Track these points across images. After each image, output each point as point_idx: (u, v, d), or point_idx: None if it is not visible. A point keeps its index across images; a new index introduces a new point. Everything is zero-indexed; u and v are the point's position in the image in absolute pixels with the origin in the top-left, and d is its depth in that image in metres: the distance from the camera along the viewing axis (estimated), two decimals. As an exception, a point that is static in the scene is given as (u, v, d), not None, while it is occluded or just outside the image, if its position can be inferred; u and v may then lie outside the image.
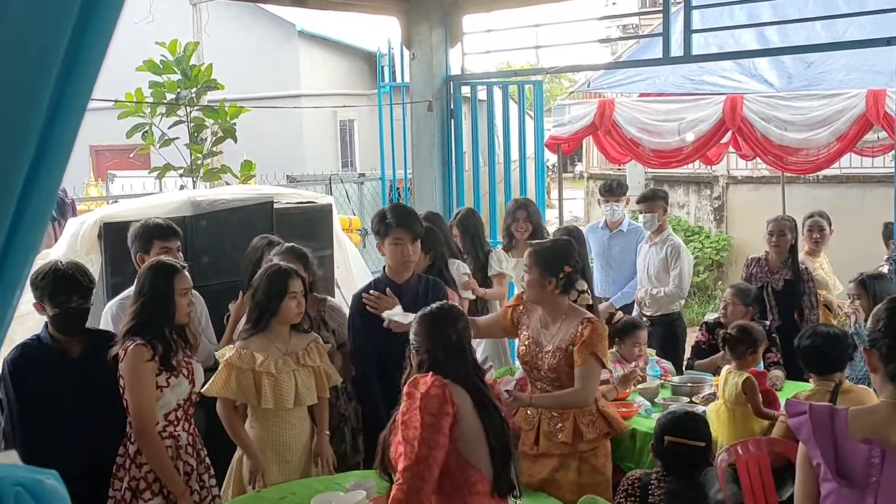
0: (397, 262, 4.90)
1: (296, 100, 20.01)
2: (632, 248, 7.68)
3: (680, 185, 15.49)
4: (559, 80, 45.38)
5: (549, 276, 4.40)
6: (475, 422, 3.33)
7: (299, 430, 4.51)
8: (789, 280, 6.89)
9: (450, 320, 3.52)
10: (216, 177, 9.51)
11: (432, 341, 3.46)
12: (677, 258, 7.27)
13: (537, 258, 4.44)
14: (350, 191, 11.42)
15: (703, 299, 13.59)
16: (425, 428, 3.18)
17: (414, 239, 4.87)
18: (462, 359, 3.46)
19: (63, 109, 0.93)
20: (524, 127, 9.32)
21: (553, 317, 4.49)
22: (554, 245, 4.55)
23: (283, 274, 4.50)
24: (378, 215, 5.05)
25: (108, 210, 5.93)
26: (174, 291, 4.25)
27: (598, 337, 4.31)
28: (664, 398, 5.66)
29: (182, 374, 4.28)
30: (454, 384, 3.33)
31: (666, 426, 4.10)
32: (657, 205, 7.47)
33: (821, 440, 2.53)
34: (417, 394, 3.27)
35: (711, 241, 14.27)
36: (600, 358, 4.31)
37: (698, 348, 6.45)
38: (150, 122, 9.20)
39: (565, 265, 4.42)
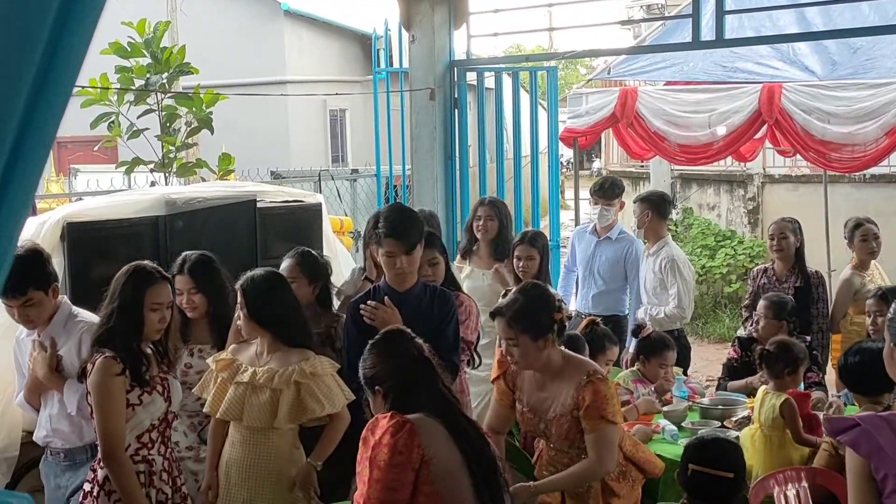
0: (391, 275, 4.91)
1: (280, 87, 20.06)
2: (620, 258, 7.47)
3: (710, 185, 15.51)
4: (575, 66, 45.45)
5: (543, 335, 4.21)
6: (452, 455, 3.35)
7: (271, 452, 4.53)
8: (800, 288, 6.91)
9: (403, 338, 3.57)
10: (191, 172, 9.53)
11: (392, 366, 3.49)
12: (673, 273, 7.17)
13: (521, 326, 4.19)
14: (341, 189, 11.45)
15: (734, 312, 13.57)
16: (373, 484, 3.21)
17: (408, 251, 4.82)
18: (430, 375, 3.49)
19: (47, 92, 0.95)
20: (536, 118, 9.34)
21: (548, 375, 4.32)
22: (527, 298, 4.27)
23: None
24: (372, 219, 5.08)
25: (72, 208, 5.95)
26: (144, 304, 4.24)
27: (604, 399, 4.17)
28: (692, 422, 5.65)
29: (156, 390, 4.28)
30: (424, 417, 3.35)
31: (691, 454, 4.10)
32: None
33: (890, 447, 2.57)
34: (371, 441, 3.29)
35: (745, 248, 14.27)
36: (612, 420, 4.27)
37: (730, 366, 6.46)
38: (117, 112, 9.22)
39: (553, 312, 4.25)
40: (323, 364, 4.56)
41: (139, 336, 4.26)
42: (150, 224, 5.85)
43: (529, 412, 4.38)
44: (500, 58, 10.32)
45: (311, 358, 4.56)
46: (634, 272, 7.40)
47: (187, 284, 4.96)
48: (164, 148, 9.48)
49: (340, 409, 4.55)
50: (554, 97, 9.67)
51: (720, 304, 13.97)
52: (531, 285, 4.48)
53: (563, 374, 4.26)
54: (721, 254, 14.16)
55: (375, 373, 3.53)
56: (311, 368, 4.50)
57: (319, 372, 4.52)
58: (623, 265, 7.46)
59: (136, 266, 4.35)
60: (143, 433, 4.25)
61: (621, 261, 7.46)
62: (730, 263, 14.00)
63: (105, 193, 7.48)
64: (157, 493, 4.27)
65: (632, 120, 10.21)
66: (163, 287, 4.31)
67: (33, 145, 1.00)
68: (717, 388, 6.48)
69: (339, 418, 4.57)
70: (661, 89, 11.42)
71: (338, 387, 4.57)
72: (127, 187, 9.46)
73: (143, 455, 4.26)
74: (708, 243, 14.44)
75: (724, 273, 13.98)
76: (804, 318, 6.66)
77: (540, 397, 4.32)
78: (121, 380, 4.16)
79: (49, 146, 1.06)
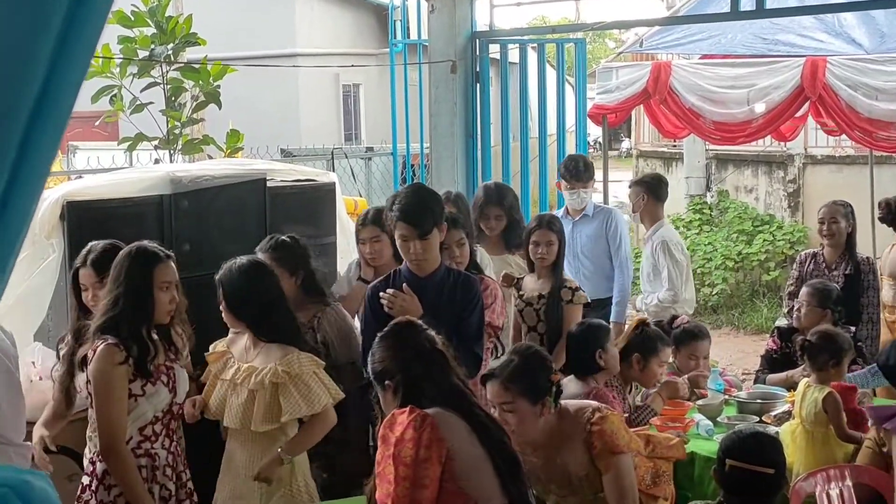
0: (407, 259, 4.92)
1: (291, 59, 20.04)
2: (602, 233, 7.32)
3: (748, 166, 15.45)
4: (603, 39, 45.30)
5: (541, 398, 4.08)
6: (476, 450, 3.35)
7: (254, 454, 4.53)
8: (850, 276, 6.87)
9: (414, 330, 3.56)
10: (197, 149, 9.54)
11: (402, 359, 3.49)
12: (664, 255, 7.18)
13: (517, 388, 4.05)
14: (356, 168, 11.46)
15: (773, 302, 13.53)
16: (400, 482, 3.21)
17: (422, 236, 4.80)
18: (443, 369, 3.49)
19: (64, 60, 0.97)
20: (563, 94, 9.32)
21: (550, 441, 4.18)
22: (524, 361, 4.14)
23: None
24: (390, 199, 5.07)
25: (71, 187, 5.95)
26: (153, 284, 4.24)
27: (612, 436, 4.10)
28: (728, 417, 5.64)
29: (161, 381, 4.29)
30: (441, 411, 3.35)
31: (728, 448, 4.09)
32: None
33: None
34: (392, 438, 3.28)
35: (784, 233, 14.22)
36: (626, 449, 4.19)
37: (769, 358, 6.44)
38: (120, 85, 9.22)
39: (550, 374, 4.14)
40: (302, 362, 4.48)
41: (149, 320, 4.26)
42: (155, 204, 5.85)
43: (552, 484, 4.27)
44: (525, 29, 10.28)
45: (291, 355, 4.49)
46: (617, 243, 7.26)
47: (92, 279, 4.70)
48: (168, 123, 9.48)
49: (321, 409, 4.46)
50: (582, 71, 9.64)
51: (757, 293, 13.93)
52: (525, 346, 4.39)
53: (563, 435, 4.15)
54: (759, 240, 14.11)
55: (385, 367, 3.55)
56: (288, 367, 4.43)
57: (297, 371, 4.43)
58: (605, 239, 7.33)
59: (137, 246, 4.35)
60: (146, 425, 4.26)
61: (603, 235, 7.33)
62: (768, 250, 13.96)
63: (106, 171, 7.49)
64: (160, 488, 4.28)
65: (665, 96, 10.17)
66: (169, 265, 4.32)
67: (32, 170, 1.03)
68: (755, 381, 6.47)
69: (320, 416, 4.50)
70: (696, 63, 11.38)
71: (321, 386, 4.48)
72: (129, 165, 9.48)
73: (146, 449, 4.26)
74: (745, 228, 14.39)
75: (762, 260, 13.93)
76: (853, 308, 6.61)
77: (552, 470, 4.21)
78: (123, 369, 4.16)
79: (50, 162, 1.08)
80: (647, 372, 5.57)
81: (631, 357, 5.52)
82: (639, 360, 5.52)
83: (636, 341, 5.62)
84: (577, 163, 7.43)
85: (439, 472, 3.27)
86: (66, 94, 1.03)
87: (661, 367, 5.71)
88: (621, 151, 37.88)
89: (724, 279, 13.84)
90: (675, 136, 12.40)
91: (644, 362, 5.55)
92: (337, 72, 20.93)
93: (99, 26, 1.03)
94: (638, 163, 18.75)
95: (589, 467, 4.14)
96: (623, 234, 7.31)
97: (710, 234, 14.83)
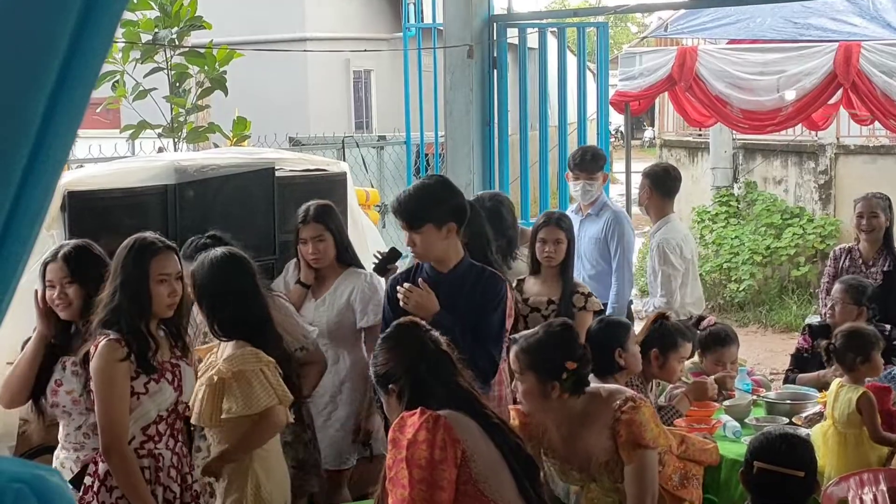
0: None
1: (300, 44, 20.04)
2: (602, 235, 7.13)
3: (777, 156, 15.39)
4: (625, 23, 45.17)
5: (550, 379, 4.12)
6: (491, 450, 3.35)
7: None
8: (889, 272, 6.84)
9: (417, 331, 3.57)
10: (202, 137, 9.55)
11: (406, 360, 3.49)
12: (660, 259, 7.03)
13: (529, 359, 4.15)
14: (367, 157, 11.47)
15: (802, 298, 13.50)
16: (416, 486, 3.20)
17: (411, 228, 4.80)
18: (445, 371, 3.49)
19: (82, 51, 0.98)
20: (584, 81, 9.29)
21: (573, 425, 4.22)
22: (546, 337, 4.23)
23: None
24: None
25: (72, 176, 5.97)
26: (150, 277, 4.22)
27: (640, 427, 4.11)
28: (757, 418, 5.63)
29: (165, 378, 4.28)
30: (453, 412, 3.35)
31: (757, 450, 4.07)
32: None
33: None
34: (403, 441, 3.27)
35: (815, 227, 14.17)
36: (652, 445, 4.21)
37: (799, 357, 6.43)
38: (122, 70, 9.24)
39: (567, 361, 4.15)
40: (247, 359, 4.41)
41: (147, 314, 4.25)
42: (158, 194, 5.87)
43: (572, 469, 4.30)
44: (544, 12, 10.28)
45: (238, 352, 4.45)
46: (616, 247, 7.05)
47: (60, 273, 4.45)
48: (173, 110, 9.50)
49: (261, 410, 4.38)
50: (604, 57, 9.61)
51: (787, 290, 13.89)
52: (558, 323, 4.42)
53: (590, 418, 4.17)
54: (788, 233, 14.06)
55: (388, 370, 3.55)
56: (231, 365, 4.39)
57: (239, 369, 4.38)
58: (606, 242, 7.13)
59: (135, 237, 4.34)
60: (149, 425, 4.25)
61: (603, 238, 7.13)
62: (798, 244, 13.91)
63: (108, 160, 7.52)
64: (164, 490, 4.28)
65: (690, 83, 10.15)
66: (168, 256, 4.28)
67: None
68: (785, 380, 6.45)
69: (262, 418, 4.41)
70: (723, 48, 11.34)
71: (265, 386, 4.39)
72: (132, 154, 9.49)
73: (149, 449, 4.25)
74: (773, 221, 14.34)
75: (792, 255, 13.89)
76: (891, 306, 6.54)
77: (575, 452, 4.24)
78: (125, 365, 4.15)
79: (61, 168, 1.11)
80: (666, 368, 5.53)
81: (649, 353, 5.48)
82: (657, 355, 5.48)
83: (654, 336, 5.58)
84: (584, 152, 7.36)
85: (455, 474, 3.26)
86: (81, 90, 1.05)
87: (681, 362, 5.70)
88: (644, 141, 37.82)
89: (752, 274, 13.80)
90: (701, 124, 12.37)
91: (663, 358, 5.51)
92: (348, 57, 20.92)
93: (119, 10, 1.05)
94: (662, 153, 18.70)
95: (611, 455, 4.15)
96: (625, 238, 7.08)
97: (736, 228, 14.78)
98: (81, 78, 1.05)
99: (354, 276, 5.68)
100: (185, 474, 4.39)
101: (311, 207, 5.71)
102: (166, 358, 4.30)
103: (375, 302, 5.58)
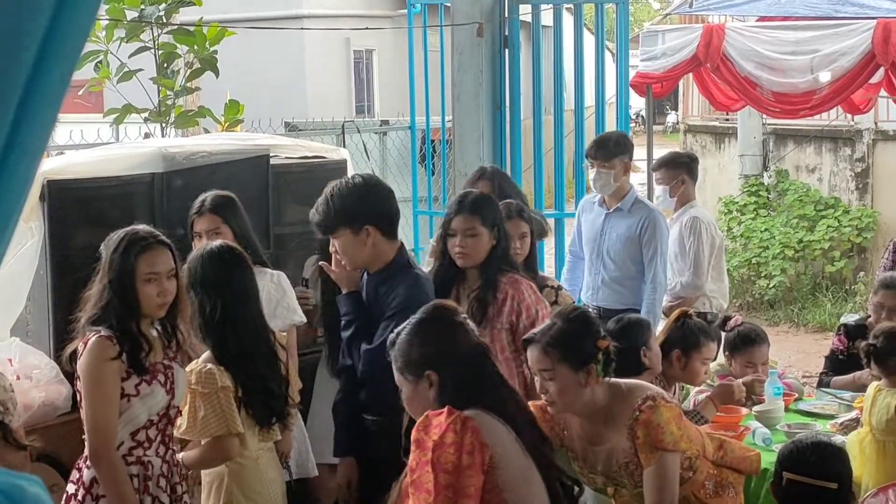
0: None
1: (297, 22, 20.05)
2: (635, 235, 6.91)
3: (810, 142, 15.37)
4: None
5: (586, 364, 4.11)
6: (519, 459, 3.34)
7: None
8: None
9: (458, 317, 3.55)
10: (192, 122, 9.56)
11: (451, 347, 3.47)
12: (693, 233, 7.10)
13: (559, 352, 4.09)
14: (369, 143, 11.44)
15: (837, 296, 13.49)
16: (441, 491, 3.20)
17: (324, 233, 4.99)
18: (485, 368, 3.48)
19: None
20: (602, 62, 9.29)
21: (598, 421, 4.23)
22: (569, 324, 4.18)
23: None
24: None
25: (52, 164, 5.98)
26: (136, 275, 4.22)
27: (658, 428, 4.12)
28: (788, 424, 5.65)
29: (157, 380, 4.28)
30: (482, 413, 3.34)
31: (786, 459, 4.08)
32: (677, 173, 7.23)
33: None
34: (429, 442, 3.27)
35: (851, 218, 14.15)
36: (672, 448, 4.21)
37: (835, 359, 6.42)
38: (105, 49, 9.25)
39: (596, 340, 4.15)
40: (202, 379, 4.42)
41: (136, 314, 4.25)
42: (145, 183, 5.88)
43: (593, 472, 4.32)
44: (560, -12, 10.24)
45: (197, 367, 4.45)
46: (652, 252, 6.86)
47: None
48: (160, 93, 9.50)
49: (208, 437, 4.40)
50: (624, 36, 9.60)
51: (820, 286, 13.87)
52: (570, 309, 4.44)
53: (613, 415, 4.19)
54: (822, 225, 14.04)
55: (427, 355, 3.50)
56: (191, 377, 4.42)
57: (193, 389, 4.40)
58: (639, 243, 6.91)
59: (126, 231, 4.34)
60: (138, 430, 4.26)
61: (636, 237, 6.90)
62: (832, 237, 13.89)
63: (91, 147, 7.52)
64: (152, 501, 4.29)
65: (717, 63, 10.14)
66: (159, 253, 4.27)
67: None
68: (819, 384, 6.44)
69: (211, 447, 4.42)
70: (753, 26, 11.33)
71: (217, 413, 4.37)
72: (116, 140, 9.50)
73: (138, 456, 4.26)
74: (806, 213, 14.32)
75: (826, 249, 13.87)
76: None
77: (596, 452, 4.27)
78: (115, 364, 4.16)
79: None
80: (689, 370, 5.53)
81: (671, 353, 5.48)
82: (679, 356, 5.48)
83: (677, 335, 5.57)
84: (604, 137, 7.36)
85: (482, 480, 3.26)
86: (62, 66, 1.05)
87: (705, 364, 5.68)
88: (667, 126, 37.79)
89: (783, 270, 13.78)
90: (729, 108, 12.37)
91: (685, 359, 5.50)
92: (348, 36, 20.92)
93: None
94: (686, 138, 18.68)
95: (631, 457, 4.16)
96: (661, 240, 6.90)
97: (766, 220, 14.77)
98: (61, 58, 1.05)
99: (259, 277, 5.24)
100: (174, 484, 4.40)
101: (209, 197, 5.51)
102: (159, 359, 4.31)
103: (284, 305, 5.53)
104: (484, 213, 5.19)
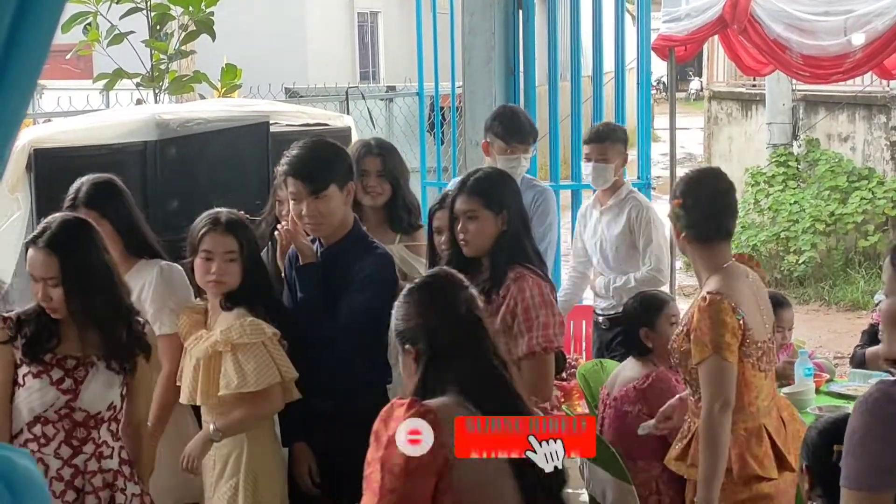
0: (301, 224, 4.91)
1: (297, -18, 20.08)
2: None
3: (842, 109, 15.34)
4: (669, -42, 45.03)
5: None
6: (492, 461, 3.24)
7: None
8: None
9: (454, 287, 3.48)
10: (187, 88, 9.56)
11: (433, 321, 3.38)
12: (649, 224, 6.68)
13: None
14: (374, 110, 11.44)
15: (871, 272, 13.46)
16: (385, 495, 3.11)
17: (314, 193, 4.70)
18: (477, 341, 3.40)
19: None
20: (622, 24, 9.26)
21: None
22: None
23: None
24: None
25: (39, 132, 6.00)
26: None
27: (710, 320, 4.25)
28: (819, 406, 5.67)
29: (48, 376, 4.15)
30: (453, 404, 3.21)
31: (827, 432, 4.03)
32: (615, 149, 6.75)
33: None
34: (384, 437, 3.18)
35: (886, 190, 14.12)
36: (720, 351, 4.26)
37: (873, 333, 6.40)
38: (95, 11, 9.23)
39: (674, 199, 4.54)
40: (246, 331, 4.60)
41: (39, 306, 4.22)
42: (137, 151, 5.88)
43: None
44: (577, -55, 10.20)
45: (239, 322, 4.61)
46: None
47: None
48: (153, 57, 9.50)
49: (262, 388, 4.55)
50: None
51: (853, 262, 13.86)
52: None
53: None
54: (855, 197, 14.02)
55: (408, 328, 3.42)
56: (231, 336, 4.61)
57: (239, 341, 4.60)
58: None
59: None
60: (35, 423, 4.17)
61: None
62: (866, 210, 13.87)
63: (80, 114, 7.52)
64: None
65: (745, 25, 10.09)
66: (37, 254, 4.21)
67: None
68: (852, 358, 6.44)
69: (260, 395, 4.60)
70: (782, -14, 11.28)
71: (267, 362, 4.57)
72: (106, 106, 9.50)
73: (32, 450, 4.09)
74: (838, 184, 14.29)
75: (859, 222, 13.85)
76: None
77: None
78: (6, 349, 4.15)
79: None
80: (661, 340, 5.25)
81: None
82: (647, 334, 5.34)
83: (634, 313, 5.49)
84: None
85: (433, 483, 3.16)
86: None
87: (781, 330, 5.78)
88: (690, 93, 37.74)
89: (814, 245, 13.77)
90: (757, 72, 12.29)
91: (652, 331, 5.34)
92: (352, -3, 20.94)
93: None
94: (710, 106, 18.65)
95: None
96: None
97: (796, 192, 14.75)
98: (41, 19, 1.04)
99: (147, 270, 4.99)
100: (85, 494, 4.22)
101: (83, 188, 4.98)
102: (69, 353, 4.20)
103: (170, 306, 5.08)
104: (489, 194, 4.74)
